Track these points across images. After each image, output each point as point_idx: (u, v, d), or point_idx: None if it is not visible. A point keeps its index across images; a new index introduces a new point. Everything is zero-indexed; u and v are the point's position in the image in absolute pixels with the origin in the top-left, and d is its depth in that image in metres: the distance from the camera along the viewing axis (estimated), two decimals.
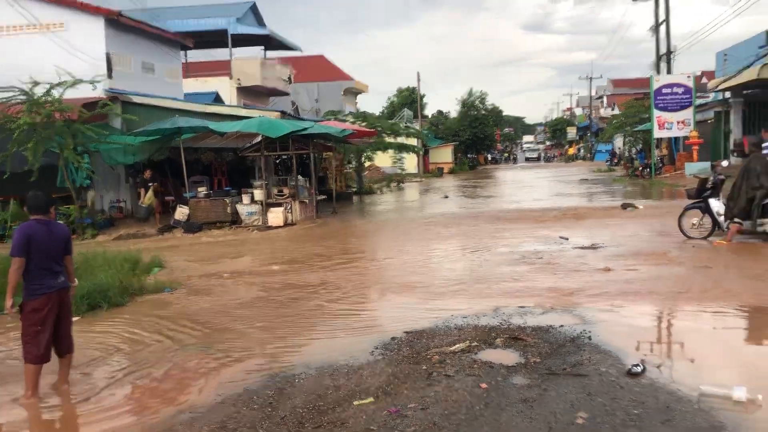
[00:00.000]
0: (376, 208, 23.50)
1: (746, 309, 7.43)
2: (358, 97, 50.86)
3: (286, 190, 18.66)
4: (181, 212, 18.09)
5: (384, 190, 32.94)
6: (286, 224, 17.86)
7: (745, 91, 30.45)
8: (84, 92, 17.61)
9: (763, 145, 11.57)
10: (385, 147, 31.33)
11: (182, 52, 29.00)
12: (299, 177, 19.74)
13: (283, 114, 22.26)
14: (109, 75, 20.29)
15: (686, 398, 4.88)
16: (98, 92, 18.73)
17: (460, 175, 50.64)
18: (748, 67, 26.79)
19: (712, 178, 11.76)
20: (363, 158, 32.08)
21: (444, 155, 55.93)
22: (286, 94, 37.20)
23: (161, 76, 24.85)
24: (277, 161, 22.63)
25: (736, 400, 4.72)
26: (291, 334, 7.28)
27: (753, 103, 30.27)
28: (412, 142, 36.82)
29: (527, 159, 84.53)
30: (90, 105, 17.74)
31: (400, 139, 33.12)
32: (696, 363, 5.83)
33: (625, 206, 18.14)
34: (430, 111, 78.02)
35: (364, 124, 30.01)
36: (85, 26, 20.33)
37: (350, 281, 10.01)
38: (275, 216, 17.85)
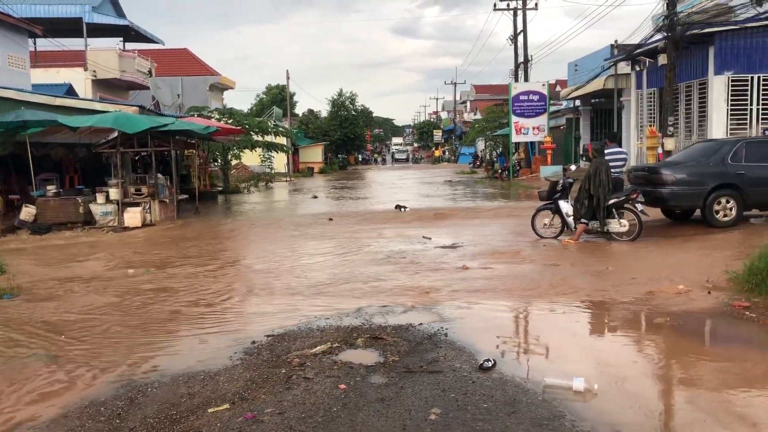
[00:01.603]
0: (242, 208, 23.03)
1: (588, 303, 7.98)
2: (225, 93, 49.63)
3: (144, 189, 17.85)
4: (28, 212, 16.83)
5: (251, 190, 32.34)
6: (144, 225, 17.09)
7: (593, 100, 32.78)
8: None
9: (606, 151, 12.49)
10: (252, 145, 30.77)
11: (30, 40, 26.99)
12: (159, 175, 18.95)
13: (142, 109, 21.27)
14: None
15: (532, 390, 5.15)
16: None
17: (331, 175, 50.82)
18: (596, 77, 28.86)
19: (561, 181, 12.56)
20: (229, 156, 31.30)
21: (314, 155, 55.99)
22: (146, 88, 35.62)
23: (5, 65, 23.02)
24: (136, 158, 21.60)
25: (576, 390, 5.05)
26: (146, 341, 6.96)
27: (600, 111, 32.65)
28: (282, 140, 36.42)
29: (396, 160, 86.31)
30: None
31: (269, 138, 32.60)
32: (543, 356, 6.17)
33: (398, 207, 19.43)
34: (300, 110, 77.73)
35: (230, 121, 29.31)
36: None
37: (211, 285, 9.73)
38: (132, 216, 17.02)
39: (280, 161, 43.97)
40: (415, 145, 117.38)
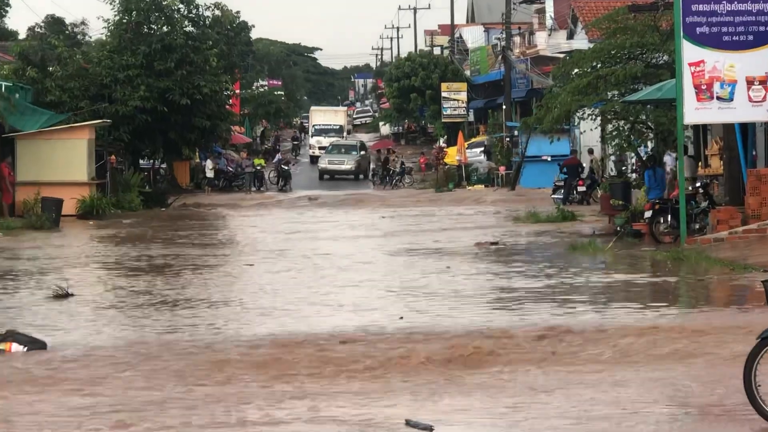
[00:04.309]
0: None
1: None
2: None
3: None
4: None
5: None
6: None
7: None
8: None
9: None
10: None
11: None
12: None
13: None
14: None
15: None
16: None
17: (115, 223, 20.44)
18: None
19: None
20: None
21: (65, 158, 21.49)
22: None
23: None
24: None
25: None
26: None
27: None
28: None
29: (325, 174, 36.67)
30: None
31: None
32: None
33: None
34: (21, 21, 38.50)
35: None
36: None
37: None
38: None
39: None
40: (384, 126, 53.70)
